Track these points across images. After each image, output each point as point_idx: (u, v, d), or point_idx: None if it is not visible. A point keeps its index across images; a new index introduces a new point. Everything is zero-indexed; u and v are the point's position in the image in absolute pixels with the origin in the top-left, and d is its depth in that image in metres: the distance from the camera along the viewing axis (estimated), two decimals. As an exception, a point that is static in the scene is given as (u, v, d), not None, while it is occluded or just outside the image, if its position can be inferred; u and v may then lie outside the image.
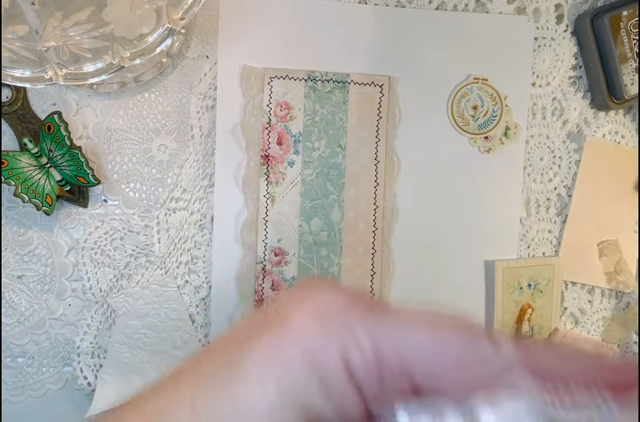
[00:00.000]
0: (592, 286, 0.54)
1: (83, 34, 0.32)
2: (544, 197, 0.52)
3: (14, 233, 0.46)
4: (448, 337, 0.17)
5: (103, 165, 0.46)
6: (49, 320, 0.47)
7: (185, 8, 0.35)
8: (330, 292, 0.17)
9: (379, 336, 0.16)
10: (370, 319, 0.17)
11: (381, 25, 0.48)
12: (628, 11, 0.49)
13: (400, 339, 0.16)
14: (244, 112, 0.47)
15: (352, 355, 0.16)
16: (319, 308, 0.17)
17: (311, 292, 0.18)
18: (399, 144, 0.49)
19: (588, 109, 0.53)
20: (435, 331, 0.17)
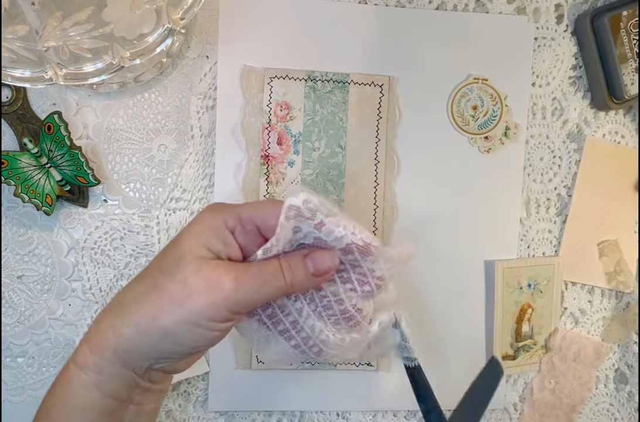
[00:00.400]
0: (592, 286, 0.54)
1: (83, 34, 0.32)
2: (544, 197, 0.52)
3: (14, 233, 0.46)
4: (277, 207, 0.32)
5: (103, 165, 0.46)
6: (49, 320, 0.47)
7: (185, 8, 0.35)
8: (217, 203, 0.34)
9: (241, 212, 0.32)
10: (235, 206, 0.33)
11: (381, 25, 0.48)
12: (628, 11, 0.49)
13: (252, 212, 0.32)
14: (244, 112, 0.47)
15: (227, 222, 0.32)
16: (211, 208, 0.33)
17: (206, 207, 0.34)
18: (399, 144, 0.49)
19: (588, 109, 0.53)
20: (271, 206, 0.33)
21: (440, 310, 0.51)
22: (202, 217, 0.33)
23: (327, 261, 0.33)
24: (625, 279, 0.54)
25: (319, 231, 0.32)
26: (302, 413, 0.50)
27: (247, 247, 0.33)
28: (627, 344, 0.55)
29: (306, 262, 0.33)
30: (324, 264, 0.33)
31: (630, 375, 0.55)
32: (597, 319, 0.54)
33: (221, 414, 0.49)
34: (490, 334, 0.51)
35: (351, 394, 0.50)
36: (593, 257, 0.54)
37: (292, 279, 0.32)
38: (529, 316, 0.52)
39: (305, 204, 0.32)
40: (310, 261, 0.33)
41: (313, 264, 0.33)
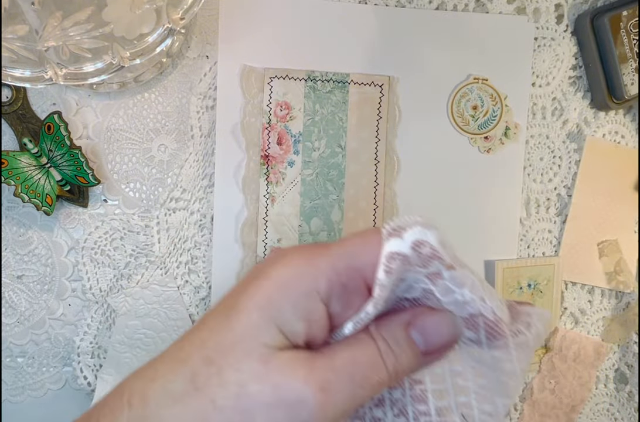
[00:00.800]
0: (592, 286, 0.54)
1: (83, 34, 0.32)
2: (544, 197, 0.52)
3: (14, 233, 0.46)
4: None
5: (103, 165, 0.46)
6: (49, 320, 0.47)
7: (185, 8, 0.35)
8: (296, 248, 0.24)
9: (337, 262, 0.22)
10: (325, 251, 0.22)
11: (381, 25, 0.48)
12: (628, 11, 0.49)
13: (354, 257, 0.22)
14: (243, 112, 0.47)
15: (319, 285, 0.22)
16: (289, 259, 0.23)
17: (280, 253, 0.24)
18: (399, 144, 0.49)
19: (588, 109, 0.53)
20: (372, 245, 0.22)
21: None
22: (281, 274, 0.22)
23: (444, 329, 0.22)
24: (625, 279, 0.54)
25: (432, 283, 0.22)
26: (302, 413, 0.50)
27: (344, 314, 0.23)
28: (627, 344, 0.55)
29: (411, 335, 0.22)
30: (439, 336, 0.22)
31: (630, 375, 0.55)
32: (597, 319, 0.54)
33: (221, 414, 0.49)
34: (490, 334, 0.51)
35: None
36: (593, 257, 0.54)
37: (396, 366, 0.22)
38: (529, 316, 0.52)
39: (417, 249, 0.22)
40: (418, 332, 0.22)
41: (423, 338, 0.22)
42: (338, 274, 0.22)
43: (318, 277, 0.22)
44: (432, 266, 0.22)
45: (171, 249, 0.47)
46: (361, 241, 0.23)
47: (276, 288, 0.22)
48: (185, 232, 0.47)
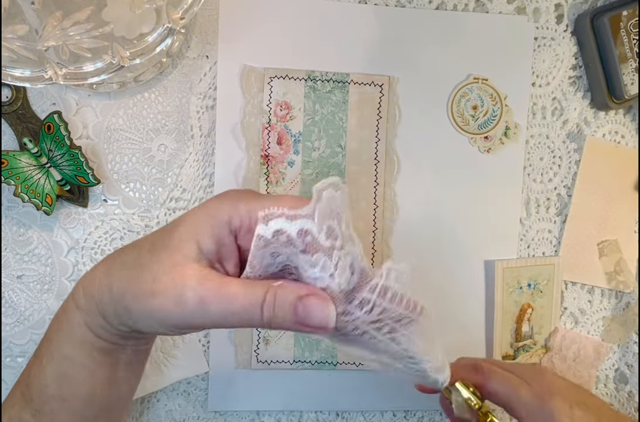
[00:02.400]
0: (592, 286, 0.54)
1: (83, 34, 0.32)
2: (544, 197, 0.52)
3: (14, 233, 0.46)
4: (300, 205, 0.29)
5: (103, 165, 0.46)
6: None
7: (185, 8, 0.35)
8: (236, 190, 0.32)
9: (254, 208, 0.29)
10: (251, 199, 0.30)
11: (381, 25, 0.48)
12: (628, 11, 0.49)
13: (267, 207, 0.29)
14: (244, 112, 0.47)
15: (232, 218, 0.29)
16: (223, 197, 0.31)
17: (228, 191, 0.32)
18: (399, 144, 0.49)
19: (588, 109, 0.53)
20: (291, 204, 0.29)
21: (440, 310, 0.51)
22: (209, 205, 0.30)
23: (323, 316, 0.28)
24: (625, 279, 0.54)
25: (293, 260, 0.29)
26: (301, 413, 0.50)
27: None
28: (627, 344, 0.55)
29: (297, 307, 0.28)
30: (315, 319, 0.28)
31: (630, 375, 0.55)
32: (597, 319, 0.54)
33: (221, 413, 0.49)
34: (490, 334, 0.51)
35: (351, 394, 0.50)
36: (593, 257, 0.54)
37: (271, 319, 0.28)
38: (529, 316, 0.52)
39: (276, 235, 0.28)
40: (303, 308, 0.28)
41: (305, 313, 0.28)
42: (250, 219, 0.29)
43: (234, 215, 0.29)
44: (289, 249, 0.28)
45: (171, 249, 0.47)
46: (276, 202, 0.29)
47: (203, 215, 0.30)
48: (185, 232, 0.47)
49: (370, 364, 0.32)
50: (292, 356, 0.49)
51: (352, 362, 0.49)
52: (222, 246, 0.30)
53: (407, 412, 0.52)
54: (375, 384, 0.50)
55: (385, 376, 0.33)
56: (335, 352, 0.49)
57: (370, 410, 0.51)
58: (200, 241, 0.29)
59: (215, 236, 0.29)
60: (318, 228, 0.28)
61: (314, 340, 0.49)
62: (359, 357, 0.32)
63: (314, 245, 0.28)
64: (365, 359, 0.32)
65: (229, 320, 0.28)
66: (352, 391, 0.50)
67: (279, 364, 0.49)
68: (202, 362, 0.48)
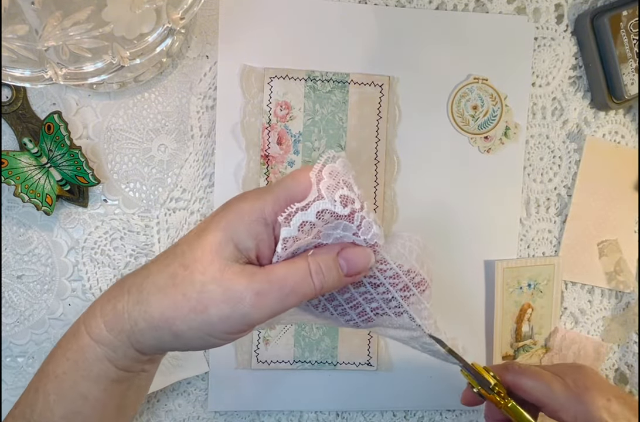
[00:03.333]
0: (592, 286, 0.54)
1: (83, 34, 0.32)
2: (544, 197, 0.52)
3: (14, 233, 0.46)
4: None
5: (103, 165, 0.46)
6: (49, 320, 0.47)
7: (185, 8, 0.35)
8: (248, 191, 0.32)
9: (279, 195, 0.29)
10: (271, 190, 0.30)
11: (381, 25, 0.48)
12: (628, 11, 0.49)
13: (289, 189, 0.30)
14: (244, 112, 0.47)
15: (265, 213, 0.29)
16: (247, 197, 0.31)
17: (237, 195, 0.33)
18: (399, 144, 0.49)
19: (588, 109, 0.53)
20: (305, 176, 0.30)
21: (440, 310, 0.51)
22: (238, 206, 0.30)
23: (363, 259, 0.30)
24: (625, 279, 0.54)
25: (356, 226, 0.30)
26: (301, 413, 0.50)
27: None
28: (627, 344, 0.55)
29: (339, 263, 0.30)
30: (359, 264, 0.30)
31: (630, 375, 0.55)
32: (597, 319, 0.54)
33: (221, 414, 0.49)
34: (490, 334, 0.51)
35: (351, 394, 0.50)
36: (593, 257, 0.54)
37: (323, 283, 0.29)
38: (529, 316, 0.52)
39: (300, 228, 0.29)
40: (344, 261, 0.30)
41: (347, 265, 0.30)
42: (279, 204, 0.29)
43: (265, 207, 0.29)
44: (314, 231, 0.30)
45: (171, 249, 0.47)
46: (292, 180, 0.30)
47: (234, 216, 0.30)
48: (185, 232, 0.47)
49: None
50: (292, 356, 0.49)
51: (352, 362, 0.49)
52: (260, 241, 0.30)
53: (407, 412, 0.52)
54: (375, 384, 0.50)
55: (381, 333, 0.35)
56: (335, 352, 0.49)
57: (370, 410, 0.51)
58: (237, 241, 0.29)
59: (251, 233, 0.29)
60: (331, 203, 0.29)
61: (314, 340, 0.49)
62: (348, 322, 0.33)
63: (335, 218, 0.29)
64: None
65: (286, 303, 0.29)
66: (352, 391, 0.50)
67: (279, 364, 0.49)
68: (202, 362, 0.48)
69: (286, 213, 0.29)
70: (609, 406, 0.37)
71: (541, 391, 0.37)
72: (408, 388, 0.51)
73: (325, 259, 0.30)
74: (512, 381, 0.38)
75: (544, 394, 0.37)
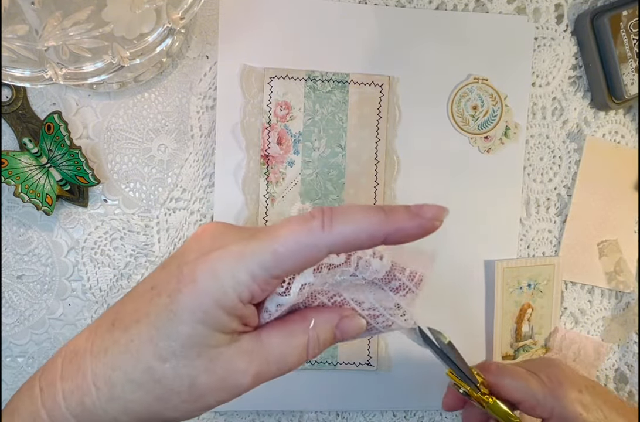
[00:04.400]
0: (592, 286, 0.54)
1: (83, 34, 0.32)
2: (544, 197, 0.52)
3: (14, 233, 0.46)
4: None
5: (103, 165, 0.46)
6: (49, 320, 0.47)
7: (185, 8, 0.35)
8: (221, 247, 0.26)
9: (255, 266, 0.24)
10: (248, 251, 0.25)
11: (381, 25, 0.48)
12: (628, 11, 0.49)
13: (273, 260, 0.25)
14: (244, 112, 0.47)
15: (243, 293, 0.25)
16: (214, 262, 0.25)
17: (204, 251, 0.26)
18: (399, 144, 0.49)
19: (588, 109, 0.53)
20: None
21: (440, 310, 0.51)
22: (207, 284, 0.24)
23: (357, 331, 0.29)
24: (625, 279, 0.54)
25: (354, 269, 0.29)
26: (301, 413, 0.50)
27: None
28: (627, 344, 0.55)
29: (335, 333, 0.29)
30: (351, 335, 0.29)
31: (630, 375, 0.55)
32: (597, 319, 0.54)
33: (221, 413, 0.49)
34: (490, 334, 0.51)
35: (351, 394, 0.50)
36: (593, 257, 0.54)
37: (315, 354, 0.28)
38: (529, 316, 0.52)
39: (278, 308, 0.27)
40: (339, 331, 0.29)
41: (340, 335, 0.29)
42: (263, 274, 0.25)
43: (242, 289, 0.25)
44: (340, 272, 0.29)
45: (171, 249, 0.47)
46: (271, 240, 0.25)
47: (209, 303, 0.25)
48: (185, 232, 0.47)
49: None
50: (292, 356, 0.49)
51: (352, 362, 0.49)
52: (244, 314, 0.26)
53: (407, 412, 0.52)
54: (375, 384, 0.50)
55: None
56: (335, 352, 0.49)
57: (370, 410, 0.51)
58: (222, 328, 0.25)
59: (234, 316, 0.26)
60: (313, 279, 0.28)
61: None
62: None
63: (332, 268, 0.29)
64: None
65: (278, 375, 0.28)
66: (352, 391, 0.50)
67: (279, 364, 0.48)
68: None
69: (284, 287, 0.27)
70: (581, 398, 0.38)
71: (519, 389, 0.38)
72: (408, 388, 0.51)
73: (325, 330, 0.28)
74: (493, 381, 0.38)
75: (522, 391, 0.38)
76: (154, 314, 0.25)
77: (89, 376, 0.26)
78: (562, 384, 0.38)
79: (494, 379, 0.38)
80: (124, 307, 0.27)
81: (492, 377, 0.38)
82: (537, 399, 0.38)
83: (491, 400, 0.37)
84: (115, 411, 0.26)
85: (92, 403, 0.25)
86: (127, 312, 0.26)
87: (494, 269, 0.50)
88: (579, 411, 0.37)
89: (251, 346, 0.27)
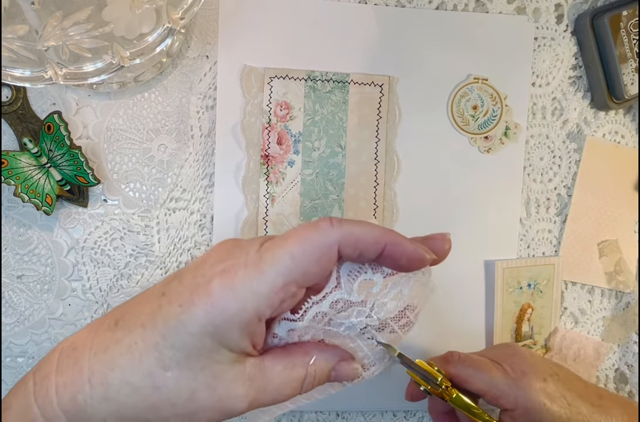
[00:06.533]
0: (592, 286, 0.54)
1: (83, 34, 0.32)
2: (544, 197, 0.52)
3: (14, 233, 0.46)
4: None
5: (103, 165, 0.46)
6: (49, 320, 0.47)
7: (185, 8, 0.35)
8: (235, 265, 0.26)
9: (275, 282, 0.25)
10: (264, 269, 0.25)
11: (381, 25, 0.48)
12: (628, 11, 0.49)
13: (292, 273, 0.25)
14: (244, 112, 0.47)
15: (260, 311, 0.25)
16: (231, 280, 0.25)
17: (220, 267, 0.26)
18: (399, 144, 0.49)
19: (588, 109, 0.53)
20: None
21: (440, 310, 0.51)
22: (224, 302, 0.24)
23: (352, 375, 0.30)
24: (625, 279, 0.54)
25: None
26: (301, 413, 0.50)
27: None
28: (627, 344, 0.55)
29: (331, 374, 0.29)
30: (346, 378, 0.30)
31: (630, 375, 0.55)
32: (597, 319, 0.54)
33: (221, 414, 0.49)
34: (490, 334, 0.51)
35: (351, 394, 0.50)
36: (593, 257, 0.54)
37: (307, 390, 0.29)
38: (529, 316, 0.52)
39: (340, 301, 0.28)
40: (335, 373, 0.29)
41: (336, 376, 0.29)
42: (277, 293, 0.25)
43: (260, 305, 0.25)
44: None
45: (171, 249, 0.47)
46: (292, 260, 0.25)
47: (222, 318, 0.24)
48: (185, 232, 0.47)
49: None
50: (292, 356, 0.49)
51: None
52: (254, 335, 0.26)
53: (407, 412, 0.52)
54: (376, 384, 0.50)
55: None
56: (335, 352, 0.49)
57: (370, 410, 0.51)
58: (230, 347, 0.26)
59: (246, 335, 0.26)
60: (348, 293, 0.28)
61: (314, 340, 0.49)
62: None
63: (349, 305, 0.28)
64: None
65: (275, 402, 0.28)
66: (352, 391, 0.50)
67: (279, 364, 0.48)
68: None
69: (302, 310, 0.27)
70: (545, 387, 0.38)
71: (482, 380, 0.38)
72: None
73: (322, 369, 0.29)
74: (455, 372, 0.38)
75: (485, 382, 0.38)
76: (162, 321, 0.25)
77: (85, 371, 0.25)
78: (526, 374, 0.38)
79: (456, 371, 0.38)
80: (130, 309, 0.27)
81: (454, 368, 0.38)
82: (501, 390, 0.37)
83: (454, 392, 0.36)
84: (105, 413, 0.25)
85: (84, 401, 0.25)
86: (132, 314, 0.26)
87: (494, 269, 0.50)
88: (543, 400, 0.37)
89: (253, 372, 0.27)
